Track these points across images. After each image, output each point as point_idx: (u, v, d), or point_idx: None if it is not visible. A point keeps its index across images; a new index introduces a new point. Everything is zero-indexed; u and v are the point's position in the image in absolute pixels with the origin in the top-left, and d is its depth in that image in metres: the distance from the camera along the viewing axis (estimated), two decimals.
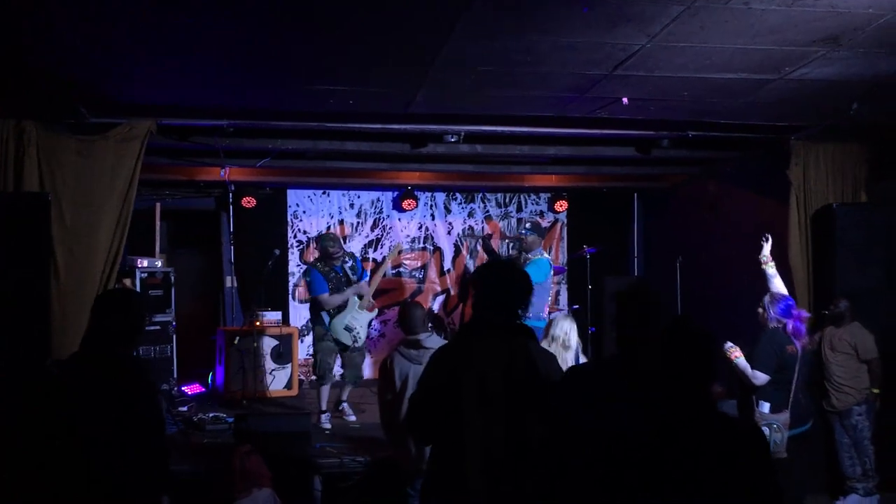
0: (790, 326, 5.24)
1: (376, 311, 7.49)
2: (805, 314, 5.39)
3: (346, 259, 7.36)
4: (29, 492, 3.05)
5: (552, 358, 3.34)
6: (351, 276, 7.27)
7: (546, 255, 8.13)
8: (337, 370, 7.56)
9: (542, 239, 7.87)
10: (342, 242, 7.59)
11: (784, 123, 6.68)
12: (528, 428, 3.03)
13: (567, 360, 5.49)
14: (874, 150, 7.15)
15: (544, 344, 5.47)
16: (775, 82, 5.38)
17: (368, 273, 7.85)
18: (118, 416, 3.00)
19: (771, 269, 5.66)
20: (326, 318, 7.19)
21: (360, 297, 7.21)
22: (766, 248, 5.76)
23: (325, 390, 7.18)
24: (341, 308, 7.13)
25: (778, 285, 5.59)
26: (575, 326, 5.64)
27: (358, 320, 7.17)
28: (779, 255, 6.81)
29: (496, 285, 3.24)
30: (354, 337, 7.14)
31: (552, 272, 7.83)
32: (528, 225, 7.80)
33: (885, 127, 6.59)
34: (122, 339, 3.15)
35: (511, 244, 8.01)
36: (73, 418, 3.00)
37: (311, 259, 9.77)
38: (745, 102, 5.92)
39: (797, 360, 5.23)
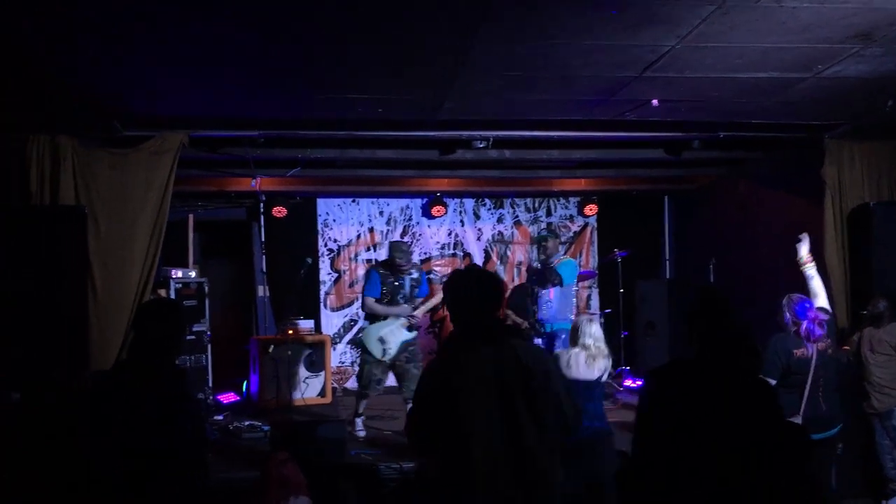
0: (803, 328, 5.11)
1: (415, 333, 7.19)
2: (822, 316, 5.22)
3: (413, 271, 7.13)
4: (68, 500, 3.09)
5: (540, 352, 3.40)
6: (410, 290, 7.06)
7: (569, 257, 8.13)
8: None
9: (560, 241, 7.86)
10: (411, 256, 7.32)
11: (817, 122, 6.60)
12: (527, 426, 3.06)
13: (603, 367, 5.40)
14: None
15: (574, 352, 5.40)
16: (808, 81, 5.32)
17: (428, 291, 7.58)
18: (160, 427, 3.03)
19: (811, 269, 5.52)
20: (366, 325, 7.10)
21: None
22: (803, 248, 5.61)
23: (364, 399, 7.08)
24: (384, 317, 6.97)
25: (816, 286, 5.46)
26: (601, 329, 5.58)
27: (395, 335, 6.93)
28: (814, 256, 6.72)
29: (468, 294, 3.26)
30: (384, 350, 6.91)
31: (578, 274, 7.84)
32: (543, 230, 7.78)
33: None
34: (165, 348, 3.18)
35: (538, 249, 7.88)
36: (115, 429, 3.03)
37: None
38: (776, 102, 5.85)
39: (810, 363, 5.10)
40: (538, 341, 7.40)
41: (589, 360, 5.35)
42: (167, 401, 3.07)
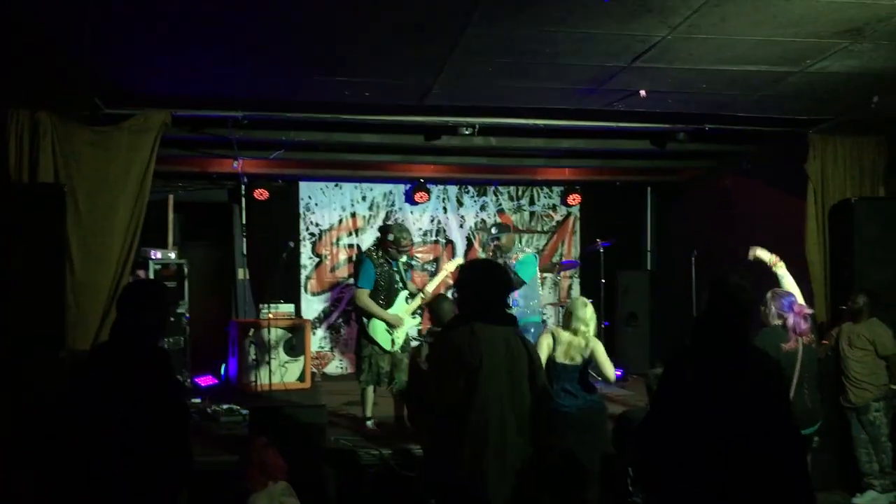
0: (790, 321, 5.13)
1: (419, 318, 6.82)
2: (808, 310, 5.25)
3: (403, 255, 6.76)
4: (51, 482, 3.04)
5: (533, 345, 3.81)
6: (404, 273, 6.75)
7: (528, 250, 8.03)
8: None
9: (513, 235, 7.60)
10: (412, 235, 6.90)
11: (803, 117, 6.62)
12: (528, 403, 3.42)
13: (581, 349, 5.39)
14: (893, 143, 7.09)
15: (565, 336, 5.40)
16: (796, 75, 5.33)
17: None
18: (145, 408, 2.98)
19: (781, 269, 5.52)
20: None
21: (414, 294, 6.69)
22: (763, 255, 5.60)
23: (371, 394, 6.63)
24: (389, 305, 6.58)
25: (789, 284, 5.47)
26: (594, 314, 5.57)
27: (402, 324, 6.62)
28: (795, 250, 6.76)
29: (479, 286, 3.59)
30: (393, 340, 6.51)
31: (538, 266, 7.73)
32: (493, 229, 7.58)
33: None
34: (150, 330, 3.13)
35: (494, 250, 7.53)
36: (99, 410, 2.98)
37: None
38: (764, 95, 5.86)
39: (796, 358, 5.13)
40: None
41: (578, 344, 5.36)
42: (151, 383, 3.02)
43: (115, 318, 3.22)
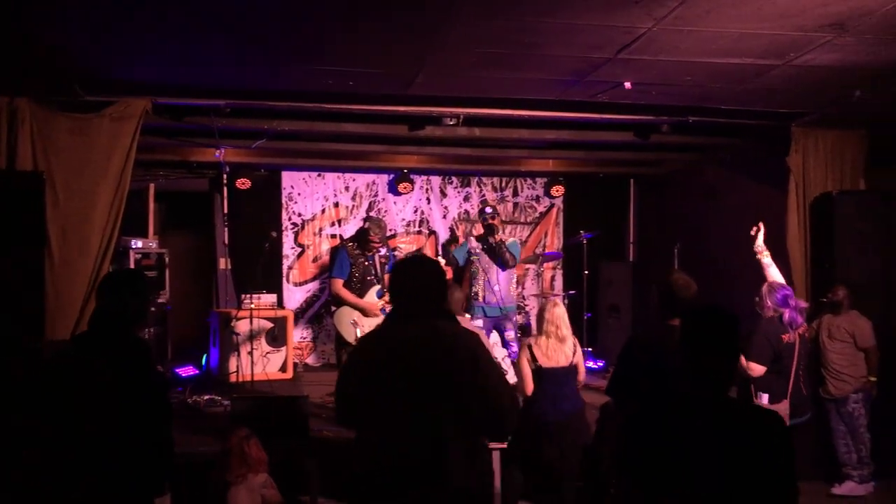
0: (787, 316, 5.24)
1: None
2: (803, 304, 5.39)
3: (381, 249, 6.89)
4: (28, 476, 3.01)
5: (469, 338, 3.14)
6: (380, 270, 6.84)
7: (511, 238, 8.09)
8: None
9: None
10: (385, 233, 6.93)
11: (785, 110, 6.64)
12: (437, 413, 2.91)
13: (566, 352, 5.44)
14: (874, 137, 7.14)
15: (543, 340, 5.45)
16: (779, 68, 5.34)
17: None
18: (125, 400, 2.95)
19: (766, 258, 5.63)
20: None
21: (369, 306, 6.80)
22: (760, 238, 5.71)
23: None
24: (360, 297, 6.71)
25: (774, 274, 5.56)
26: (564, 312, 5.60)
27: (368, 319, 6.74)
28: (777, 243, 6.81)
29: (409, 283, 3.16)
30: (357, 333, 6.59)
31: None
32: (488, 208, 7.73)
33: (886, 114, 6.56)
34: (130, 319, 3.09)
35: (486, 228, 7.67)
36: (77, 402, 2.95)
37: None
38: (747, 88, 5.87)
39: (795, 349, 5.23)
40: (479, 323, 7.25)
41: (557, 345, 5.41)
42: (131, 374, 2.99)
43: (94, 308, 3.18)
